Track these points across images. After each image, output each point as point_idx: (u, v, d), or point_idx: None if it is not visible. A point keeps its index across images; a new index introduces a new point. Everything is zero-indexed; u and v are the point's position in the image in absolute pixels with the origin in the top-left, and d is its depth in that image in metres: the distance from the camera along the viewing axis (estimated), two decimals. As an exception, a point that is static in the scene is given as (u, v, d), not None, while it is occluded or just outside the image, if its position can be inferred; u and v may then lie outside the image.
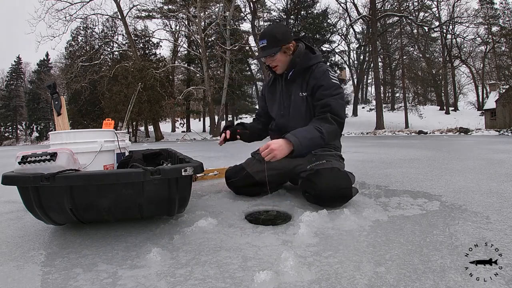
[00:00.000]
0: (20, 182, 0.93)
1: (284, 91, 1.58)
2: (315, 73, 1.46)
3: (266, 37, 1.46)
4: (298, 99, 1.52)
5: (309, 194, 1.36)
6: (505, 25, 24.42)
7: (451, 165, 2.74)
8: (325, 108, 1.39)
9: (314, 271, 0.77)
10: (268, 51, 1.46)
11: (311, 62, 1.50)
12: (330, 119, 1.37)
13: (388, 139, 9.97)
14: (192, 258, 0.88)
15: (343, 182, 1.31)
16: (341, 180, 1.31)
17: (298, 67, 1.50)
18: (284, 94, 1.58)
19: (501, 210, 1.25)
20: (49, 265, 0.86)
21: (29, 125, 35.04)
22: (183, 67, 26.38)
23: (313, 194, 1.32)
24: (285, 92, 1.58)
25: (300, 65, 1.49)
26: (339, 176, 1.33)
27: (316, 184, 1.30)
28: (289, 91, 1.56)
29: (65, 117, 1.67)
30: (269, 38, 1.46)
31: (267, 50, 1.46)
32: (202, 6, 19.14)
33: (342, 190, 1.30)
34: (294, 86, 1.54)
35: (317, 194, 1.30)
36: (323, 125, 1.35)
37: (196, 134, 20.55)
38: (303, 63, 1.49)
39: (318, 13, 23.83)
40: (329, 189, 1.28)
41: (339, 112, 1.40)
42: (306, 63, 1.49)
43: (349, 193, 1.32)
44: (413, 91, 31.35)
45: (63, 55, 26.68)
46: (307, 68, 1.50)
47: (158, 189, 1.01)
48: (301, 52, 1.50)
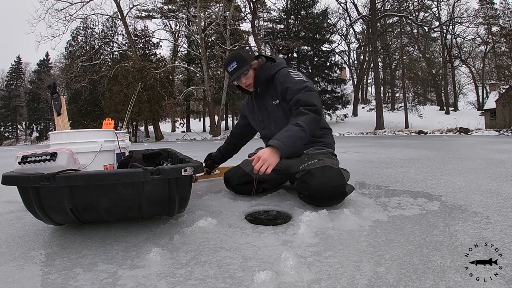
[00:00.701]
0: (20, 182, 0.93)
1: (259, 105, 1.65)
2: (279, 79, 1.53)
3: (234, 59, 1.54)
4: (274, 108, 1.58)
5: (303, 195, 1.37)
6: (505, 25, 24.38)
7: (451, 165, 2.74)
8: (297, 105, 1.42)
9: (314, 271, 0.77)
10: (241, 70, 1.52)
11: (272, 71, 1.57)
12: (304, 110, 1.37)
13: (388, 139, 9.97)
14: (192, 258, 0.88)
15: (336, 180, 1.31)
16: (333, 178, 1.32)
17: (262, 80, 1.57)
18: (260, 108, 1.65)
19: (501, 210, 1.25)
20: (49, 265, 0.86)
21: (29, 125, 35.02)
22: (183, 67, 26.38)
23: (307, 194, 1.33)
24: (260, 106, 1.65)
25: (262, 78, 1.57)
26: (331, 174, 1.33)
27: (309, 184, 1.31)
28: (263, 104, 1.63)
29: (65, 117, 1.66)
30: (238, 59, 1.53)
31: (240, 69, 1.52)
32: (202, 6, 19.12)
33: (336, 188, 1.30)
34: (266, 98, 1.61)
35: (311, 194, 1.31)
36: (298, 118, 1.35)
37: (196, 134, 20.56)
38: (265, 75, 1.57)
39: (318, 13, 23.80)
40: (322, 188, 1.28)
41: (310, 101, 1.39)
42: (268, 73, 1.57)
43: (343, 191, 1.32)
44: (413, 91, 31.36)
45: (63, 55, 26.71)
46: (271, 77, 1.56)
47: (158, 189, 1.01)
48: (261, 66, 1.58)
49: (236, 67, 1.53)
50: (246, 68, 1.52)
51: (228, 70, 1.57)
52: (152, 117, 19.83)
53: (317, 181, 1.29)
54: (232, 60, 1.54)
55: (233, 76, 1.55)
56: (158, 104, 18.92)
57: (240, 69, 1.52)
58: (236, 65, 1.53)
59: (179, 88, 25.70)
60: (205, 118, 30.99)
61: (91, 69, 20.46)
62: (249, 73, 1.56)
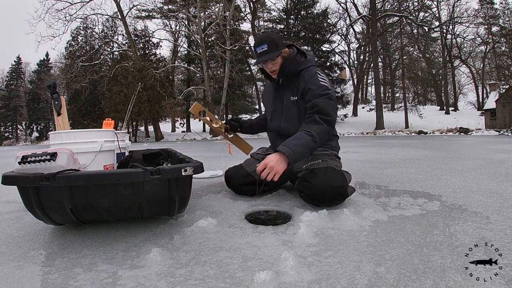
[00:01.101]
0: (20, 182, 0.93)
1: (276, 96, 1.62)
2: (305, 77, 1.49)
3: (266, 42, 1.47)
4: (289, 103, 1.55)
5: (304, 194, 1.37)
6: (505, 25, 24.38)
7: (451, 165, 2.74)
8: (313, 109, 1.40)
9: (314, 271, 0.77)
10: (270, 54, 1.47)
11: (300, 67, 1.52)
12: (318, 119, 1.37)
13: (388, 139, 9.97)
14: (192, 258, 0.88)
15: (338, 181, 1.32)
16: (336, 179, 1.32)
17: (287, 72, 1.53)
18: (276, 99, 1.62)
19: (501, 210, 1.25)
20: (49, 265, 0.86)
21: (29, 125, 35.01)
22: (183, 67, 26.38)
23: (308, 193, 1.33)
24: (277, 97, 1.62)
25: (288, 71, 1.52)
26: (334, 175, 1.34)
27: (311, 183, 1.31)
28: (281, 96, 1.59)
29: (65, 117, 1.66)
30: (269, 42, 1.47)
31: (270, 53, 1.47)
32: (202, 6, 19.12)
33: (337, 189, 1.30)
34: (285, 91, 1.57)
35: (312, 193, 1.31)
36: (311, 127, 1.35)
37: (196, 134, 20.54)
38: (292, 69, 1.52)
39: (318, 13, 23.82)
40: (323, 188, 1.28)
41: (327, 111, 1.39)
42: (295, 68, 1.52)
43: (344, 192, 1.32)
44: (413, 91, 31.35)
45: (63, 55, 26.70)
46: (297, 72, 1.52)
47: (158, 189, 1.01)
48: (290, 58, 1.53)
49: (266, 50, 1.47)
50: (276, 54, 1.47)
51: (257, 51, 1.50)
52: (152, 117, 19.83)
53: (320, 180, 1.29)
54: (264, 41, 1.48)
55: (260, 58, 1.50)
56: (158, 104, 18.91)
57: (270, 54, 1.47)
58: (266, 48, 1.47)
59: (179, 88, 25.69)
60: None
61: (91, 69, 20.46)
62: (277, 60, 1.51)
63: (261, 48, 1.48)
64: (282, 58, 1.52)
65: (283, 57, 1.52)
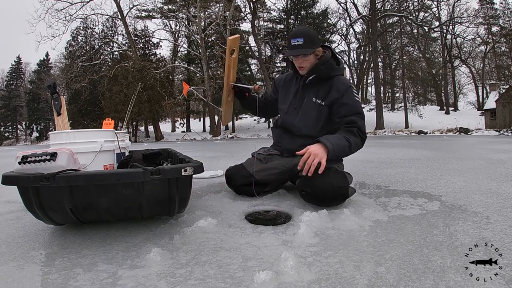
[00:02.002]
0: (20, 182, 0.93)
1: (300, 93, 1.60)
2: (338, 87, 1.49)
3: (303, 36, 1.44)
4: (311, 104, 1.55)
5: (305, 193, 1.37)
6: (505, 25, 24.38)
7: (451, 165, 2.74)
8: (352, 124, 1.45)
9: (314, 271, 0.77)
10: (305, 50, 1.44)
11: (333, 73, 1.52)
12: (356, 133, 1.43)
13: (388, 139, 9.97)
14: (192, 258, 0.88)
15: (340, 181, 1.32)
16: (337, 179, 1.33)
17: (321, 75, 1.52)
18: (298, 96, 1.60)
19: (501, 210, 1.25)
20: (49, 265, 0.86)
21: (29, 125, 35.01)
22: (183, 67, 26.39)
23: (310, 192, 1.33)
24: (300, 94, 1.60)
25: (322, 73, 1.51)
26: (336, 175, 1.35)
27: (312, 182, 1.31)
28: (303, 94, 1.58)
29: (65, 117, 1.66)
30: (307, 37, 1.44)
31: (304, 49, 1.44)
32: (202, 6, 19.13)
33: (338, 189, 1.31)
34: (310, 91, 1.56)
35: (314, 192, 1.31)
36: (351, 137, 1.41)
37: (196, 134, 20.54)
38: (326, 72, 1.51)
39: (318, 13, 23.84)
40: (325, 188, 1.29)
41: (363, 129, 1.47)
42: (328, 73, 1.51)
43: (345, 192, 1.33)
44: (413, 91, 31.36)
45: (63, 55, 26.72)
46: (328, 77, 1.52)
47: (158, 189, 1.01)
48: (326, 60, 1.52)
49: (301, 44, 1.43)
50: (310, 50, 1.45)
51: (291, 43, 1.46)
52: (152, 117, 19.83)
53: (322, 180, 1.30)
54: (301, 35, 1.44)
55: (293, 51, 1.45)
56: (158, 104, 18.93)
57: (304, 49, 1.44)
58: (302, 42, 1.43)
59: (179, 88, 25.67)
60: (205, 118, 31.00)
61: (91, 69, 20.48)
62: (309, 57, 1.48)
63: (297, 41, 1.45)
64: (315, 56, 1.50)
65: (316, 55, 1.50)
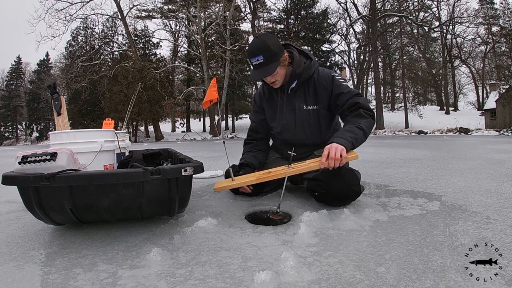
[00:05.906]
0: (20, 182, 0.93)
1: (286, 104, 1.51)
2: (321, 82, 1.43)
3: (262, 52, 1.30)
4: (303, 113, 1.48)
5: (319, 194, 1.35)
6: (505, 25, 24.37)
7: (451, 165, 2.74)
8: (355, 106, 1.39)
9: (314, 271, 0.77)
10: (268, 69, 1.32)
11: (311, 71, 1.44)
12: (364, 114, 1.36)
13: (388, 139, 9.97)
14: (192, 258, 0.88)
15: (353, 179, 1.32)
16: (350, 177, 1.32)
17: (302, 79, 1.44)
18: (286, 108, 1.51)
19: (501, 210, 1.25)
20: (49, 265, 0.86)
21: (29, 125, 35.01)
22: (183, 67, 26.39)
23: (324, 192, 1.32)
24: (287, 105, 1.51)
25: (304, 77, 1.44)
26: (348, 174, 1.33)
27: (325, 183, 1.30)
28: (291, 105, 1.50)
29: (65, 117, 1.66)
30: (265, 52, 1.30)
31: (267, 68, 1.33)
32: (202, 6, 19.12)
33: (353, 187, 1.30)
34: (297, 99, 1.49)
35: (328, 192, 1.30)
36: (361, 121, 1.34)
37: (196, 134, 20.55)
38: (305, 74, 1.43)
39: (318, 13, 23.86)
40: (340, 187, 1.28)
41: (368, 106, 1.40)
42: (308, 74, 1.44)
43: (358, 190, 1.32)
44: (413, 91, 31.34)
45: (63, 55, 26.77)
46: (309, 78, 1.46)
47: (158, 189, 1.01)
48: (300, 62, 1.43)
49: (262, 62, 1.30)
50: (274, 68, 1.32)
51: (252, 63, 1.33)
52: (152, 117, 19.83)
53: (336, 179, 1.28)
54: (259, 52, 1.29)
55: (257, 73, 1.33)
56: (158, 104, 18.92)
57: (267, 67, 1.31)
58: (262, 60, 1.29)
59: (179, 88, 25.72)
60: (205, 118, 31.00)
61: (91, 69, 20.47)
62: (276, 71, 1.34)
63: (256, 59, 1.31)
64: (283, 65, 1.38)
65: (283, 65, 1.38)
